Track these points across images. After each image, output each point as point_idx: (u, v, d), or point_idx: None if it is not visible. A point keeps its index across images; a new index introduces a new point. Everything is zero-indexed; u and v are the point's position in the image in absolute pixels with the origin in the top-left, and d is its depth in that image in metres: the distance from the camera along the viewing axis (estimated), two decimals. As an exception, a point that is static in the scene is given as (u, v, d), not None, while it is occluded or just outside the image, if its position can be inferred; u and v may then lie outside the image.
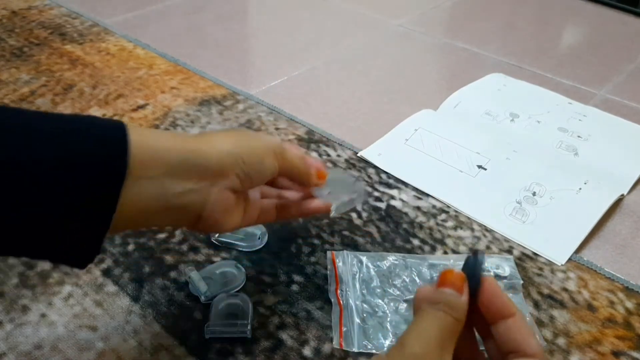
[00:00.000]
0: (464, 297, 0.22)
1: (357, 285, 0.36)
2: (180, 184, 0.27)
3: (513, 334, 0.22)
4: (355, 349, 0.33)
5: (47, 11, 0.76)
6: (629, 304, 0.37)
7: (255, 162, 0.29)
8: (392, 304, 0.35)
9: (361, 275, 0.37)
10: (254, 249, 0.40)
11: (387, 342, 0.33)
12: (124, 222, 0.25)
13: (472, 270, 0.23)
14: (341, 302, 0.35)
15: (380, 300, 0.36)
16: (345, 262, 0.38)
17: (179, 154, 0.27)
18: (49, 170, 0.22)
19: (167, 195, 0.26)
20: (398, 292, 0.36)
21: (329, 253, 0.39)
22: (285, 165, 0.31)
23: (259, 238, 0.40)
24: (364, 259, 0.39)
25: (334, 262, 0.38)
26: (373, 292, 0.36)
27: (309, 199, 0.34)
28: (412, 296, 0.35)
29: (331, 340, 0.34)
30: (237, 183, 0.29)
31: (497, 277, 0.38)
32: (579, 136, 0.53)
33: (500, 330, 0.22)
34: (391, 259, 0.39)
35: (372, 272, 0.37)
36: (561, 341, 0.35)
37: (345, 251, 0.39)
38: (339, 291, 0.36)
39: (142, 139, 0.25)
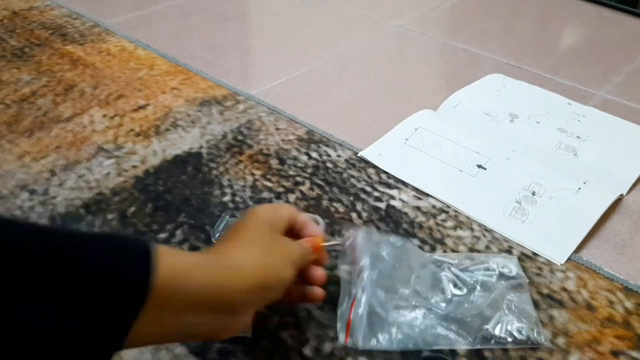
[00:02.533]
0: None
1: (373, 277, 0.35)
2: (200, 317, 0.25)
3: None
4: (360, 343, 0.33)
5: (48, 12, 0.76)
6: (628, 304, 0.37)
7: (279, 286, 0.29)
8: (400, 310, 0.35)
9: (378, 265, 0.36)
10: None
11: (389, 337, 0.33)
12: (132, 344, 0.23)
13: None
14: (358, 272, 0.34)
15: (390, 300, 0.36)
16: (361, 241, 0.37)
17: (205, 290, 0.25)
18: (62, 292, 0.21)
19: (184, 325, 0.25)
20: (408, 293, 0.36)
21: (345, 234, 0.37)
22: (301, 267, 0.32)
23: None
24: (384, 253, 0.37)
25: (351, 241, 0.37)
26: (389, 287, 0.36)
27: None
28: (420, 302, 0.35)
29: (331, 339, 0.34)
30: (260, 307, 0.31)
31: (503, 276, 0.38)
32: (578, 137, 0.54)
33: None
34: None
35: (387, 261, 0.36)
36: (560, 341, 0.35)
37: (360, 231, 0.37)
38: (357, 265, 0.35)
39: (169, 268, 0.23)
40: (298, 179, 0.47)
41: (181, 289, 0.24)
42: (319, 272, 0.33)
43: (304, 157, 0.50)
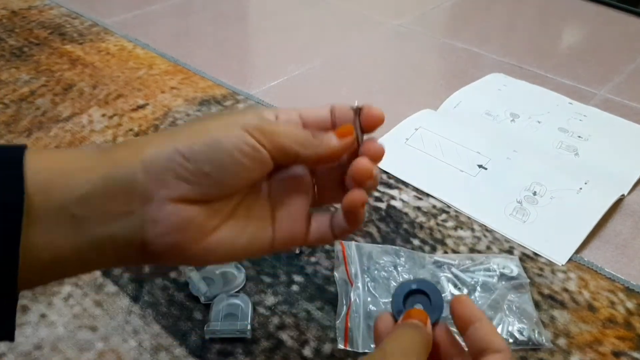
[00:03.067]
0: (428, 327, 0.24)
1: (366, 278, 0.36)
2: (97, 212, 0.19)
3: (482, 334, 0.24)
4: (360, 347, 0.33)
5: (47, 11, 0.75)
6: (630, 304, 0.37)
7: (208, 153, 0.20)
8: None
9: (368, 270, 0.37)
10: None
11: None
12: (34, 277, 0.19)
13: (437, 298, 0.26)
14: (351, 279, 0.35)
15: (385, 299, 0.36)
16: (354, 254, 0.38)
17: (92, 173, 0.19)
18: None
19: (83, 230, 0.19)
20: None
21: (337, 243, 0.39)
22: (279, 148, 0.21)
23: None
24: (372, 253, 0.38)
25: (343, 252, 0.38)
26: (379, 286, 0.36)
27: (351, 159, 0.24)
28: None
29: (331, 340, 0.34)
30: (190, 189, 0.20)
31: (504, 276, 0.38)
32: (579, 136, 0.53)
33: (471, 334, 0.24)
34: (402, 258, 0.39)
35: (379, 266, 0.37)
36: (562, 341, 0.35)
37: (353, 242, 0.39)
38: (349, 270, 0.36)
39: (41, 160, 0.18)
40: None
41: (61, 180, 0.19)
42: (361, 163, 0.23)
43: (304, 157, 0.50)
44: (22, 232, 0.18)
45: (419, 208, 0.45)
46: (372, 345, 0.33)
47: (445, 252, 0.40)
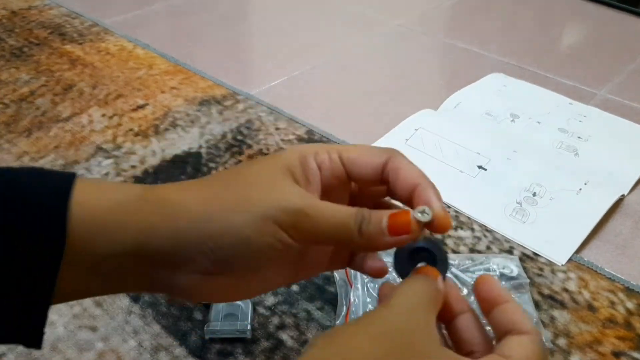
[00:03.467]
0: (440, 281, 0.23)
1: (365, 279, 0.36)
2: (126, 272, 0.21)
3: (509, 316, 0.22)
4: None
5: (46, 11, 0.75)
6: (630, 304, 0.37)
7: (236, 250, 0.20)
8: None
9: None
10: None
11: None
12: (63, 298, 0.21)
13: (441, 256, 0.24)
14: (351, 280, 0.35)
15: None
16: None
17: (126, 235, 0.20)
18: None
19: (110, 282, 0.21)
20: None
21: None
22: (316, 242, 0.21)
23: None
24: None
25: None
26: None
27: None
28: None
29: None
30: (210, 267, 0.20)
31: (504, 277, 0.38)
32: (579, 137, 0.53)
33: (496, 315, 0.23)
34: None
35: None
36: (562, 342, 0.35)
37: None
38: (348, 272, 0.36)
39: (85, 206, 0.19)
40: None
41: (95, 241, 0.19)
42: (376, 264, 0.24)
43: (304, 157, 0.50)
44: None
45: (419, 208, 0.45)
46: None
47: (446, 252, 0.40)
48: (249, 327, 0.34)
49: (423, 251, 0.24)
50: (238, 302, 0.35)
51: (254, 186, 0.21)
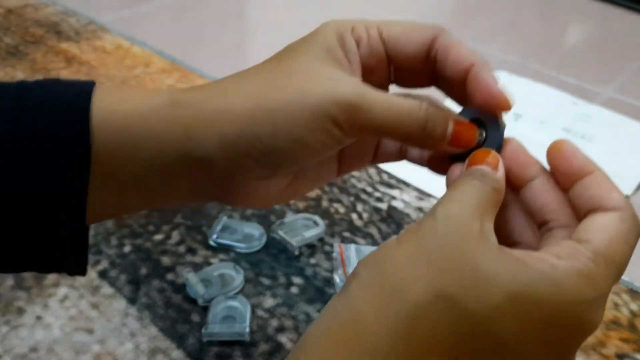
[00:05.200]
0: (500, 173, 0.20)
1: None
2: (168, 184, 0.20)
3: (591, 190, 0.19)
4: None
5: (42, 9, 0.75)
6: (634, 306, 0.37)
7: (291, 148, 0.19)
8: None
9: None
10: (253, 250, 0.39)
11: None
12: (98, 216, 0.20)
13: (495, 130, 0.21)
14: None
15: None
16: (353, 256, 0.38)
17: (165, 146, 0.18)
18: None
19: (151, 194, 0.20)
20: None
21: (336, 245, 0.39)
22: (370, 133, 0.20)
23: (258, 239, 0.40)
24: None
25: (341, 254, 0.38)
26: None
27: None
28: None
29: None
30: (269, 172, 0.20)
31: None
32: (582, 137, 0.53)
33: (577, 191, 0.19)
34: None
35: None
36: (565, 344, 0.34)
37: (352, 245, 0.39)
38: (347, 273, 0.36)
39: (107, 120, 0.18)
40: (297, 178, 0.46)
41: (129, 152, 0.18)
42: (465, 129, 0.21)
43: (303, 157, 0.49)
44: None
45: (420, 209, 0.44)
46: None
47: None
48: (247, 329, 0.33)
49: (476, 123, 0.21)
50: (236, 304, 0.35)
51: (299, 78, 0.19)
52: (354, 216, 0.43)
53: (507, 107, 0.21)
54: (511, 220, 0.21)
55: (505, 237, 0.21)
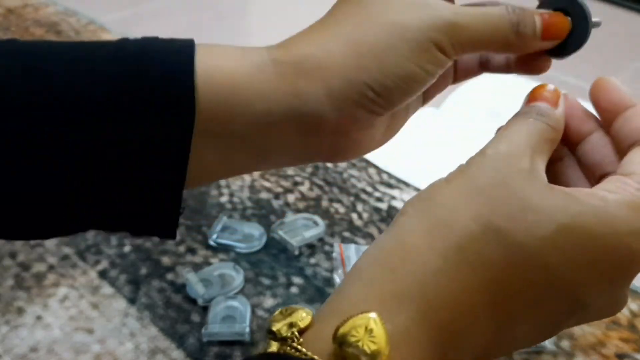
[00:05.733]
0: (560, 110, 0.20)
1: None
2: (278, 144, 0.19)
3: (633, 123, 0.19)
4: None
5: (42, 9, 0.75)
6: (634, 306, 0.37)
7: (401, 87, 0.19)
8: None
9: None
10: (253, 250, 0.39)
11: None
12: (200, 176, 0.20)
13: (580, 21, 0.21)
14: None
15: None
16: (353, 256, 0.38)
17: (272, 104, 0.18)
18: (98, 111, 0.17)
19: (260, 156, 0.20)
20: None
21: (336, 245, 0.39)
22: (467, 45, 0.19)
23: (258, 239, 0.40)
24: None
25: (341, 254, 0.38)
26: None
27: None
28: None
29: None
30: (380, 119, 0.20)
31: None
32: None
33: (619, 125, 0.20)
34: None
35: None
36: (565, 344, 0.34)
37: (352, 245, 0.39)
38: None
39: (212, 78, 0.18)
40: (297, 179, 0.46)
41: (234, 112, 0.18)
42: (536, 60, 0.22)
43: (303, 157, 0.49)
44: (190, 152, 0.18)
45: (419, 208, 0.44)
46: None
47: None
48: (247, 329, 0.33)
49: (564, 12, 0.20)
50: (236, 304, 0.35)
51: (393, 11, 0.19)
52: (354, 216, 0.43)
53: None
54: (567, 173, 0.21)
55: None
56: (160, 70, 0.18)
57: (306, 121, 0.19)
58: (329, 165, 0.48)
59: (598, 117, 0.22)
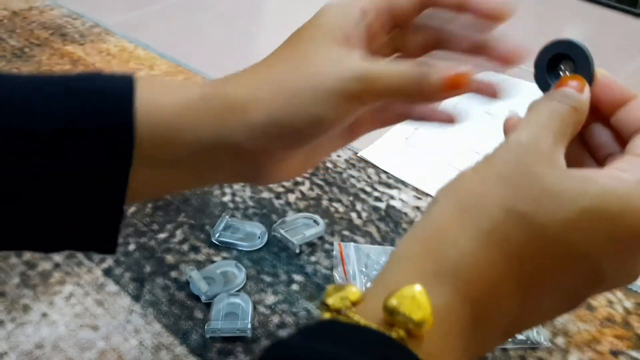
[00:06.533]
0: (585, 95, 0.21)
1: (363, 279, 0.37)
2: (202, 166, 0.22)
3: (636, 113, 0.21)
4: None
5: (47, 12, 0.76)
6: (628, 304, 0.37)
7: (312, 128, 0.21)
8: None
9: (366, 270, 0.37)
10: (254, 248, 0.40)
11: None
12: (137, 196, 0.22)
13: (584, 63, 0.22)
14: (350, 281, 0.36)
15: None
16: (352, 255, 0.39)
17: (200, 133, 0.21)
18: (46, 141, 0.19)
19: (186, 173, 0.22)
20: None
21: (335, 244, 0.40)
22: (376, 95, 0.22)
23: (259, 237, 0.40)
24: (371, 253, 0.39)
25: (341, 253, 0.39)
26: None
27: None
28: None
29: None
30: (284, 152, 0.22)
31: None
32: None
33: (621, 115, 0.22)
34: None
35: (378, 266, 0.38)
36: (560, 341, 0.35)
37: (352, 243, 0.40)
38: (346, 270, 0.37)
39: (151, 118, 0.20)
40: (297, 178, 0.47)
41: (168, 141, 0.21)
42: (442, 115, 0.25)
43: (304, 157, 0.50)
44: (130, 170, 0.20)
45: (418, 208, 0.45)
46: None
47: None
48: (249, 326, 0.34)
49: (563, 58, 0.22)
50: (238, 301, 0.35)
51: (313, 63, 0.21)
52: (354, 215, 0.44)
53: (502, 14, 0.23)
54: (575, 152, 0.23)
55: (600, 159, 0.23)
56: (103, 106, 0.20)
57: (230, 149, 0.22)
58: (329, 165, 0.49)
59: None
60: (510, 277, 0.19)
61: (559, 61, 0.23)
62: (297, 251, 0.40)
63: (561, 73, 0.23)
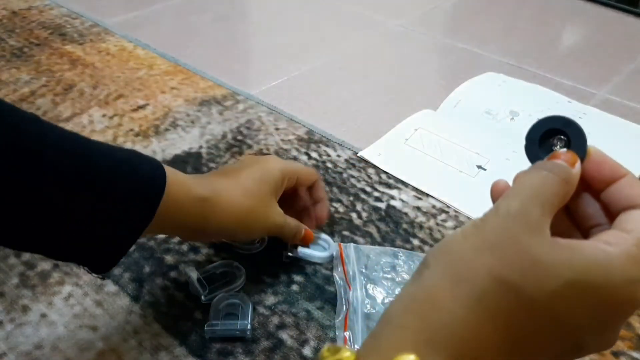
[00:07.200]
0: (576, 169, 0.22)
1: (363, 280, 0.36)
2: (189, 233, 0.35)
3: (627, 191, 0.22)
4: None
5: (47, 11, 0.76)
6: (629, 304, 0.37)
7: (252, 237, 0.38)
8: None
9: (366, 271, 0.37)
10: (254, 251, 0.40)
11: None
12: (147, 233, 0.31)
13: (579, 140, 0.22)
14: (349, 282, 0.36)
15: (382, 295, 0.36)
16: (352, 255, 0.39)
17: (184, 223, 0.32)
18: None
19: (177, 226, 0.33)
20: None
21: (336, 244, 0.40)
22: (283, 235, 0.37)
23: (259, 241, 0.40)
24: (371, 254, 0.39)
25: (341, 253, 0.39)
26: (377, 284, 0.36)
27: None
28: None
29: (331, 340, 0.34)
30: (240, 237, 0.39)
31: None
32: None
33: (611, 192, 0.22)
34: (401, 259, 0.39)
35: (378, 267, 0.37)
36: (561, 341, 0.35)
37: (352, 244, 0.40)
38: (346, 271, 0.37)
39: (175, 183, 0.31)
40: (298, 179, 0.47)
41: (181, 200, 0.31)
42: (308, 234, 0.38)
43: (304, 157, 0.50)
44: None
45: (418, 208, 0.45)
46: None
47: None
48: (249, 326, 0.34)
49: (557, 133, 0.22)
50: (238, 302, 0.35)
51: (265, 210, 0.35)
52: (354, 215, 0.44)
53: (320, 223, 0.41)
54: (558, 223, 0.23)
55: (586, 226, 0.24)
56: (144, 179, 0.30)
57: (204, 235, 0.36)
58: (329, 165, 0.49)
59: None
60: (498, 342, 0.20)
61: (551, 136, 0.23)
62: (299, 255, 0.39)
63: (554, 148, 0.23)
